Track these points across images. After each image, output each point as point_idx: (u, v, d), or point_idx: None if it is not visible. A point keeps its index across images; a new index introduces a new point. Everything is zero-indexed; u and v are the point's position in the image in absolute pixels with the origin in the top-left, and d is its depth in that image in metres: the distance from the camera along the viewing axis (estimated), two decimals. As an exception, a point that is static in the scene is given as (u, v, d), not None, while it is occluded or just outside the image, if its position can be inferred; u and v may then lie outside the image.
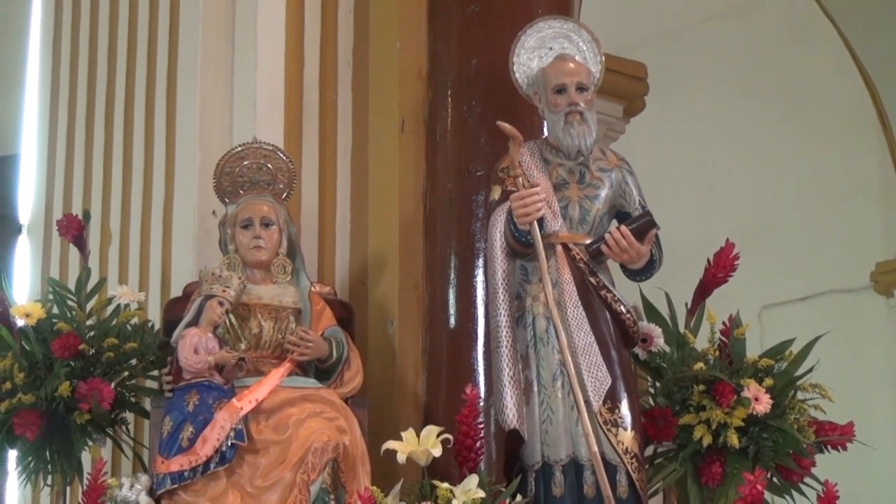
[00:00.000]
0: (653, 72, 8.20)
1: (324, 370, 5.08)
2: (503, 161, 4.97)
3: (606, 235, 4.88)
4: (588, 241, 4.92)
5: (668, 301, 5.19)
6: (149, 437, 5.22)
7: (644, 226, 4.88)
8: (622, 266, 4.97)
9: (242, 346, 5.02)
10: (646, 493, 4.81)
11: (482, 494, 4.40)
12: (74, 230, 5.50)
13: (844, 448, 5.18)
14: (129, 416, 5.31)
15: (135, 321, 5.26)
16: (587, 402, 4.69)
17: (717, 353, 5.13)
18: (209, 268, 5.24)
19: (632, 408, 4.79)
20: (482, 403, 4.73)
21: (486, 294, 5.05)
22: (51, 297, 5.30)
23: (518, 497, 4.55)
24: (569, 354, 4.72)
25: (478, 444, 4.56)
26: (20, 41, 7.35)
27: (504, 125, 4.87)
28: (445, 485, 4.43)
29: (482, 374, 5.17)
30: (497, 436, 4.96)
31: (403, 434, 4.58)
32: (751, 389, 4.98)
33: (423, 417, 5.16)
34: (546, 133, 5.12)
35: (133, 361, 5.16)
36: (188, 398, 4.84)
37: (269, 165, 5.32)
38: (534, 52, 5.14)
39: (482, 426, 4.61)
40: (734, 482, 4.85)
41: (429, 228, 5.59)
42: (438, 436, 4.54)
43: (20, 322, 5.15)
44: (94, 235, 6.00)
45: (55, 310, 5.22)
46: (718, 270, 5.14)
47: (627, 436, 4.73)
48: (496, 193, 4.99)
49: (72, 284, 5.39)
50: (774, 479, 5.05)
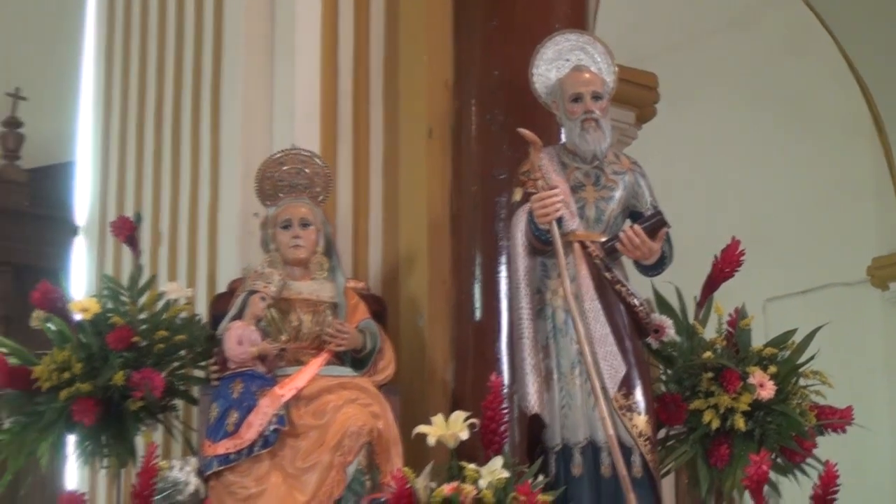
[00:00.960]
0: (663, 81, 8.19)
1: (359, 360, 5.09)
2: (524, 165, 4.97)
3: (620, 234, 4.88)
4: (603, 239, 4.92)
5: (679, 294, 5.18)
6: (197, 423, 5.24)
7: (655, 224, 4.88)
8: (635, 262, 4.97)
9: (283, 338, 5.03)
10: (658, 473, 4.81)
11: (506, 474, 4.40)
12: (127, 231, 5.52)
13: (844, 431, 5.17)
14: (179, 403, 5.32)
15: (183, 315, 5.28)
16: (604, 389, 4.69)
17: (725, 343, 5.12)
18: (252, 265, 5.26)
19: (645, 394, 4.79)
20: (506, 390, 4.72)
21: (509, 289, 5.05)
22: (106, 294, 5.32)
23: (540, 477, 4.54)
24: (586, 344, 4.72)
25: (502, 428, 4.56)
26: (75, 57, 7.37)
27: (525, 132, 4.88)
28: (472, 466, 4.43)
29: (506, 364, 5.17)
30: (520, 420, 4.95)
31: (433, 419, 4.58)
32: (756, 376, 4.97)
33: (451, 403, 5.16)
34: (564, 139, 5.12)
35: (182, 352, 5.18)
36: (233, 386, 4.86)
37: (307, 170, 5.33)
38: (552, 64, 5.14)
39: (506, 411, 4.61)
40: (741, 463, 4.85)
41: (455, 228, 5.59)
42: (465, 420, 4.55)
43: (78, 316, 5.17)
44: (146, 236, 6.02)
45: (110, 305, 5.24)
46: (725, 266, 5.14)
47: (641, 420, 4.73)
48: (517, 195, 4.99)
49: (125, 281, 5.40)
50: (778, 460, 5.04)
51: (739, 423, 4.92)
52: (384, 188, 5.87)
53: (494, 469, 4.41)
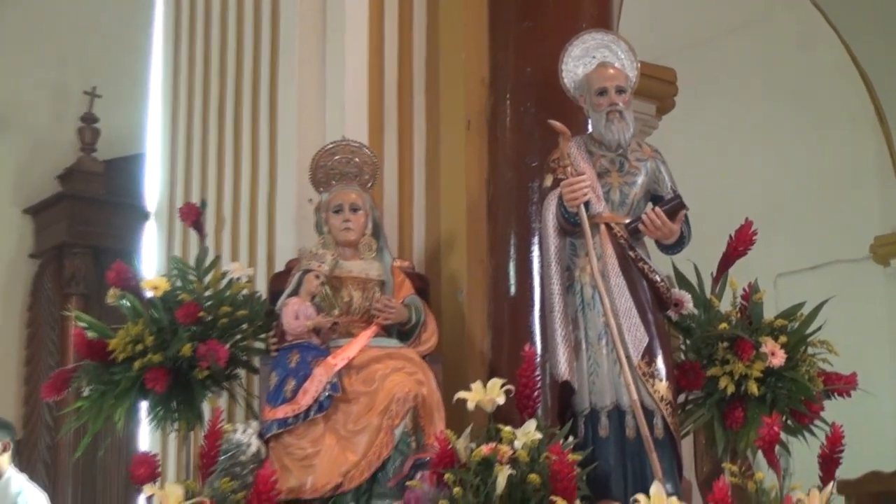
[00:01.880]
0: (681, 76, 8.17)
1: (404, 332, 5.10)
2: (554, 153, 4.96)
3: (643, 216, 4.87)
4: (627, 221, 4.90)
5: (696, 271, 5.17)
6: (258, 390, 5.26)
7: (675, 207, 4.86)
8: (656, 242, 4.96)
9: (336, 313, 5.04)
10: (679, 434, 4.80)
11: (539, 436, 4.39)
12: (193, 216, 5.54)
13: (849, 395, 5.14)
14: (242, 372, 5.33)
15: (245, 292, 5.29)
16: (628, 358, 4.68)
17: (739, 315, 5.10)
18: (306, 247, 5.27)
19: (666, 362, 4.78)
20: (538, 359, 4.72)
21: (541, 266, 5.04)
22: (174, 273, 5.34)
23: (570, 438, 4.54)
24: (612, 317, 4.71)
25: (535, 394, 4.55)
26: (145, 58, 7.40)
27: (555, 123, 4.88)
28: (508, 428, 4.43)
29: (538, 335, 5.16)
30: (551, 386, 4.95)
31: (472, 385, 4.58)
32: (768, 345, 4.95)
33: (489, 371, 5.16)
34: (590, 129, 5.10)
35: (244, 326, 5.18)
36: (290, 357, 4.87)
37: (356, 159, 5.33)
38: (579, 61, 5.12)
39: (539, 378, 4.60)
40: (754, 425, 4.83)
41: (491, 211, 5.58)
42: (502, 387, 4.54)
43: (149, 294, 5.19)
44: (210, 220, 6.03)
45: (178, 283, 5.26)
46: (739, 244, 5.11)
47: (663, 386, 4.72)
48: (548, 181, 4.98)
49: (192, 262, 5.42)
50: (788, 422, 5.02)
51: (752, 389, 4.90)
52: (426, 175, 5.87)
53: (528, 431, 4.41)
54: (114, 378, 5.05)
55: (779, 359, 4.94)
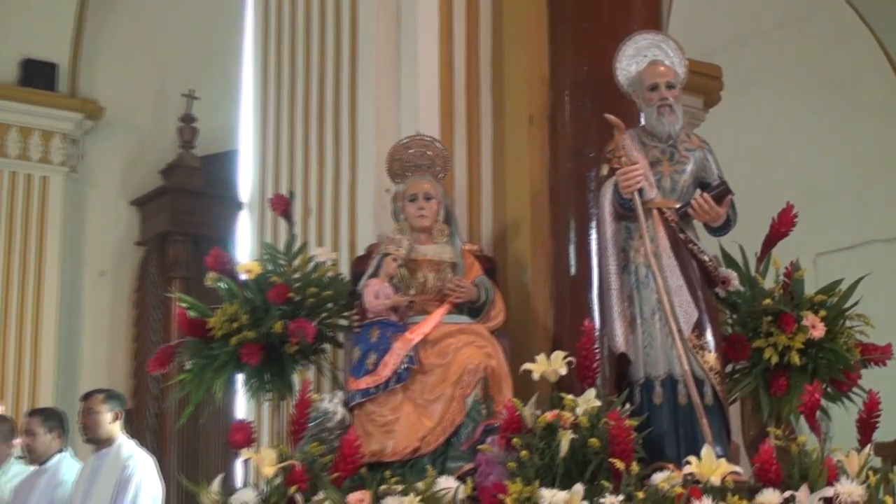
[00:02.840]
0: (726, 72, 8.11)
1: (474, 309, 5.10)
2: (610, 145, 4.93)
3: (692, 201, 4.83)
4: (678, 206, 4.86)
5: (742, 251, 5.12)
6: (342, 363, 5.29)
7: (721, 192, 4.82)
8: (705, 225, 4.92)
9: (412, 292, 5.06)
10: (727, 401, 4.77)
11: (599, 403, 4.39)
12: (283, 206, 5.57)
13: (884, 364, 5.08)
14: (327, 347, 5.37)
15: (330, 274, 5.31)
16: (679, 331, 4.65)
17: (782, 291, 5.05)
18: (385, 233, 5.29)
19: (714, 335, 4.74)
20: (597, 333, 4.70)
21: (598, 248, 5.02)
22: (266, 258, 5.38)
23: (626, 405, 4.53)
24: (664, 294, 4.69)
25: (594, 365, 4.54)
26: (237, 62, 7.44)
27: (610, 117, 4.85)
28: (570, 396, 4.42)
29: (597, 311, 5.13)
30: (609, 358, 4.92)
31: (537, 358, 4.58)
32: (809, 319, 4.90)
33: (552, 345, 5.14)
34: (643, 122, 5.07)
35: (329, 305, 5.21)
36: (372, 332, 4.89)
37: (429, 152, 5.34)
38: (632, 59, 5.08)
39: (597, 351, 4.60)
40: (796, 392, 4.79)
41: (553, 198, 5.56)
42: (564, 359, 4.54)
43: (244, 277, 5.23)
44: (298, 209, 6.05)
45: (269, 267, 5.30)
46: (781, 226, 5.06)
47: (711, 357, 4.69)
48: (605, 170, 4.95)
49: (281, 247, 5.46)
50: (828, 389, 4.96)
51: (795, 359, 4.85)
52: (493, 166, 5.86)
53: (589, 399, 4.40)
54: (213, 353, 5.10)
55: (819, 331, 4.89)
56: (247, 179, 6.90)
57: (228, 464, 5.43)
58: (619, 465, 4.14)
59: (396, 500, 4.31)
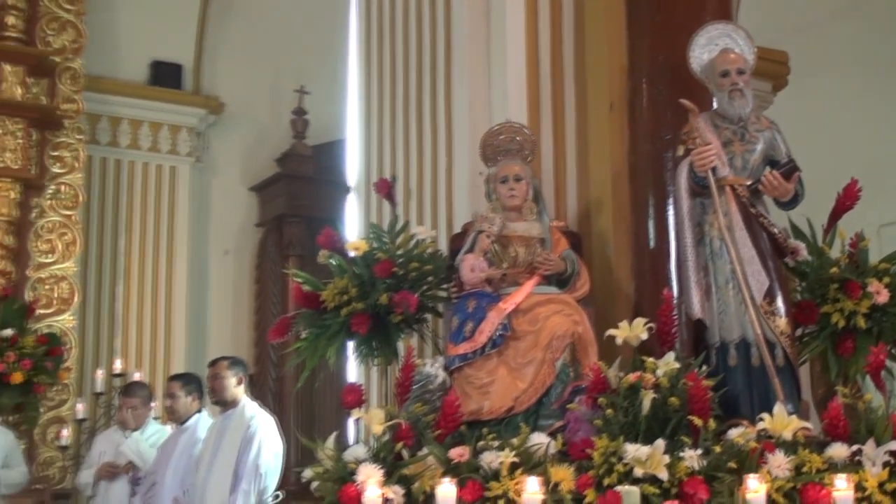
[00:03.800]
0: (793, 57, 7.99)
1: (562, 281, 5.09)
2: (685, 127, 4.88)
3: (762, 178, 4.77)
4: (749, 183, 4.80)
5: (809, 224, 5.06)
6: (442, 331, 5.30)
7: (790, 170, 4.75)
8: (775, 200, 4.85)
9: (504, 266, 5.06)
10: (797, 363, 4.71)
11: (677, 366, 4.35)
12: (386, 189, 5.60)
13: (946, 326, 5.00)
14: (429, 316, 5.40)
15: (430, 250, 5.34)
16: (752, 298, 4.60)
17: (847, 260, 4.98)
18: (479, 212, 5.29)
19: (785, 301, 4.68)
20: (675, 301, 4.67)
21: (676, 223, 4.97)
22: (372, 236, 5.41)
23: (703, 367, 4.49)
24: (737, 264, 4.64)
25: (673, 330, 4.51)
26: (343, 59, 7.49)
27: (685, 101, 4.80)
28: (651, 359, 4.40)
29: (674, 281, 5.08)
30: (687, 324, 4.87)
31: (620, 324, 4.56)
32: (873, 286, 4.83)
33: (633, 312, 5.11)
34: (715, 106, 5.01)
35: (430, 278, 5.24)
36: (468, 303, 4.90)
37: (518, 138, 5.33)
38: (705, 48, 5.03)
39: (676, 317, 4.56)
40: (862, 353, 4.72)
41: (633, 178, 5.51)
42: (645, 325, 4.51)
43: (352, 254, 5.27)
44: (400, 192, 6.09)
45: (375, 244, 5.33)
46: (846, 200, 4.98)
47: (782, 321, 4.63)
48: (680, 151, 4.91)
49: (386, 227, 5.49)
50: (892, 351, 4.89)
51: (860, 323, 4.79)
52: (577, 149, 5.83)
53: (668, 361, 4.37)
54: (325, 323, 5.15)
55: (883, 297, 4.83)
56: (353, 166, 6.96)
57: (341, 423, 5.49)
58: (698, 422, 4.12)
59: (493, 455, 4.32)
